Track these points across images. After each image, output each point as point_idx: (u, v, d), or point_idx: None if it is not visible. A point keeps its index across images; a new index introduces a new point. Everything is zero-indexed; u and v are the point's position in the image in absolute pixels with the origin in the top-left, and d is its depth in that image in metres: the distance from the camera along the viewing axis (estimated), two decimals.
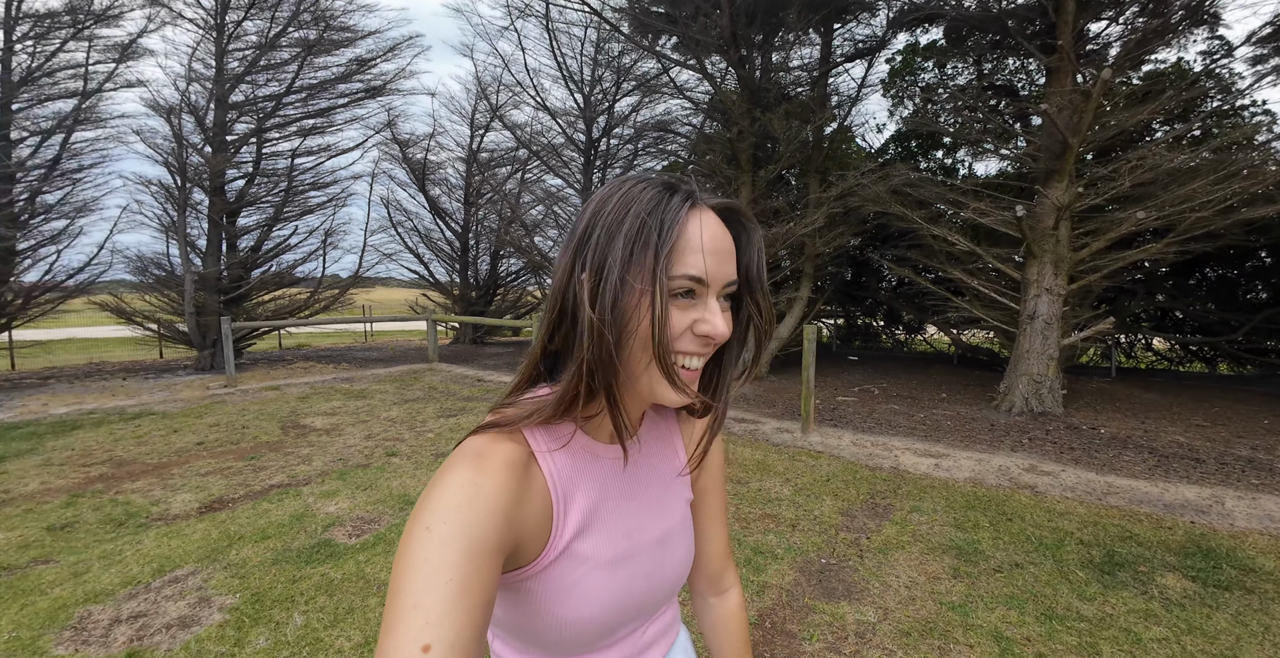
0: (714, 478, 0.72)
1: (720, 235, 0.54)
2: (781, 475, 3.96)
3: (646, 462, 0.64)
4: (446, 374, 8.86)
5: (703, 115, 9.22)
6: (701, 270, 0.52)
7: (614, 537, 0.59)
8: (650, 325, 0.50)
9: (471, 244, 13.86)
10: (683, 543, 0.65)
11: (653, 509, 0.63)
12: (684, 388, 0.53)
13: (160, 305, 10.00)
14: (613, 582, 0.58)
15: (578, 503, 0.57)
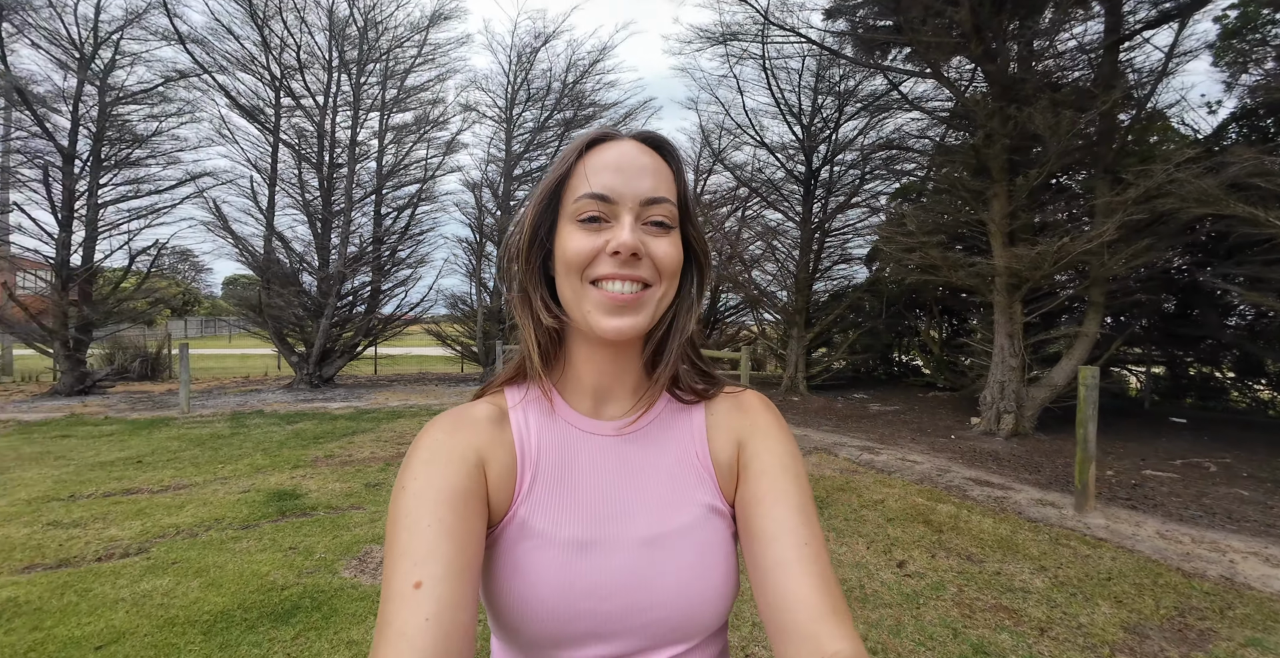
0: (776, 486, 0.53)
1: (634, 155, 0.52)
2: (1034, 561, 3.04)
3: (648, 448, 0.57)
4: None
5: (942, 126, 8.25)
6: (604, 186, 0.51)
7: (579, 515, 0.54)
8: (562, 251, 0.52)
9: None
10: (692, 556, 0.52)
11: (645, 502, 0.55)
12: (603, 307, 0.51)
13: (463, 332, 12.95)
14: (570, 566, 0.51)
15: (546, 461, 0.55)
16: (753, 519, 0.52)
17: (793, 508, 0.51)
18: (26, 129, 8.98)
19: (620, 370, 0.57)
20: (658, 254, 0.51)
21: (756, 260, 11.76)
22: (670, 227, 0.53)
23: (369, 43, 10.13)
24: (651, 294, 0.52)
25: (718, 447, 0.58)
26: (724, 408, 0.60)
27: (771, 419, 0.59)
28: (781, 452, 0.56)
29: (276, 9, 9.38)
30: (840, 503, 3.80)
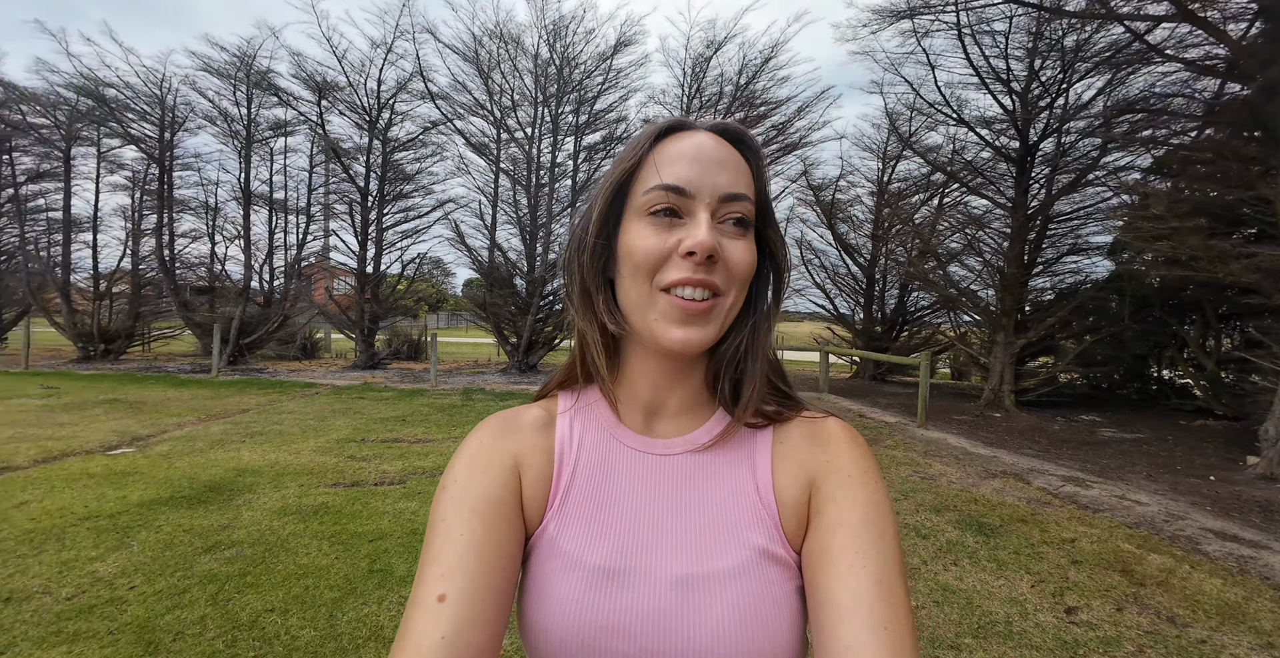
0: (854, 544, 0.44)
1: (712, 146, 0.48)
2: (1263, 636, 2.35)
3: (699, 474, 0.51)
4: (831, 406, 9.01)
5: (1211, 80, 6.41)
6: (679, 178, 0.47)
7: (611, 540, 0.49)
8: (629, 251, 0.48)
9: (878, 278, 13.59)
10: (735, 605, 0.45)
11: (686, 536, 0.48)
12: (672, 318, 0.47)
13: None
14: (593, 596, 0.47)
15: (584, 474, 0.52)
16: (820, 583, 0.44)
17: (871, 577, 0.42)
18: (338, 176, 12.36)
19: (678, 385, 0.53)
20: (733, 258, 0.47)
21: (955, 255, 10.47)
22: (749, 226, 0.49)
23: (564, 78, 11.55)
24: (722, 303, 0.48)
25: (784, 482, 0.50)
26: (797, 436, 0.52)
27: (857, 456, 0.50)
28: (865, 500, 0.47)
29: (496, 62, 11.34)
30: (1014, 535, 3.42)
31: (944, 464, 5.22)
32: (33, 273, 12.63)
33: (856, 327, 14.05)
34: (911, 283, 12.24)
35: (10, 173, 12.80)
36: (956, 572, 2.89)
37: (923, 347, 12.93)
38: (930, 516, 3.73)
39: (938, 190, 11.78)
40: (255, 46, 11.15)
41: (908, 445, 6.00)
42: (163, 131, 11.89)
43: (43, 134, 12.36)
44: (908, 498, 4.10)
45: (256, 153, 12.27)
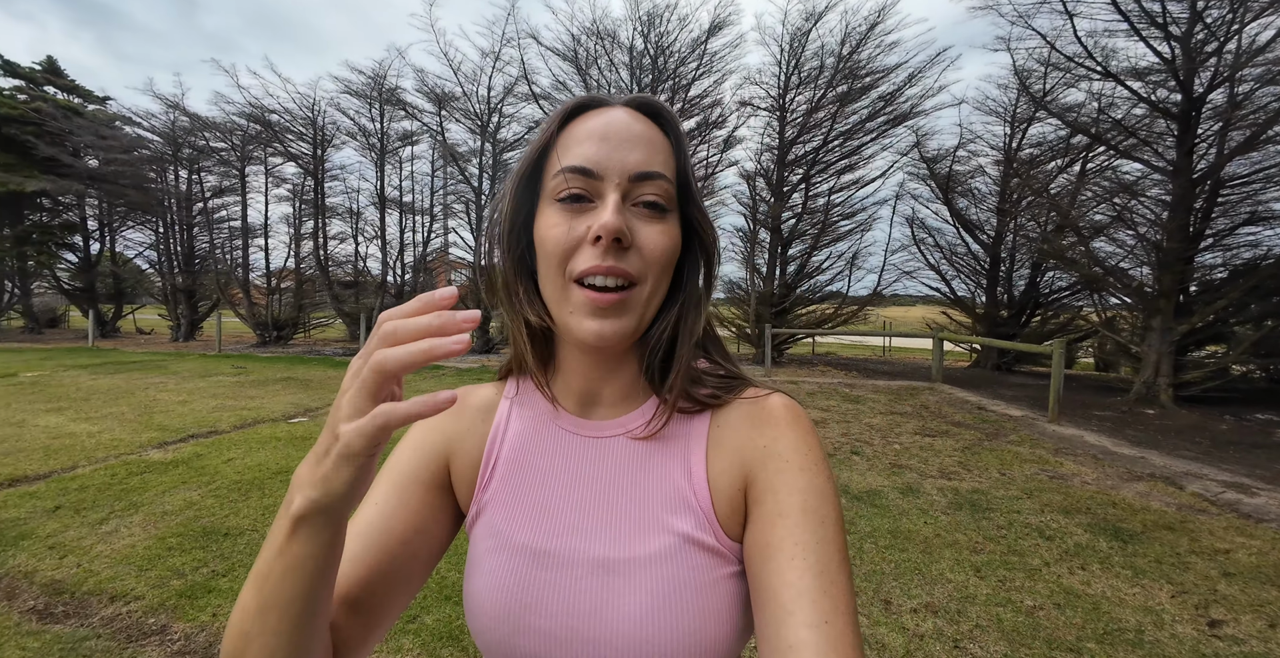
0: (793, 536, 0.43)
1: (625, 122, 0.46)
2: None
3: (630, 460, 0.50)
4: (946, 396, 8.42)
5: None
6: (585, 159, 0.44)
7: (539, 521, 0.49)
8: (541, 240, 0.46)
9: (1004, 257, 12.31)
10: (656, 593, 0.44)
11: (610, 520, 0.48)
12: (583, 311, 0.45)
13: (737, 315, 13.90)
14: (520, 573, 0.47)
15: (512, 458, 0.52)
16: (762, 579, 0.42)
17: (812, 570, 0.41)
18: (456, 178, 13.46)
19: (611, 375, 0.51)
20: (647, 242, 0.44)
21: (1100, 229, 9.23)
22: (666, 209, 0.46)
23: (658, 67, 11.62)
24: (637, 294, 0.45)
25: (718, 469, 0.48)
26: (734, 419, 0.49)
27: (797, 438, 0.47)
28: (803, 487, 0.44)
29: (593, 59, 11.67)
30: (1157, 542, 3.09)
31: (1078, 463, 4.76)
32: (220, 272, 15.19)
33: (977, 311, 12.87)
34: (1046, 262, 10.97)
35: (200, 190, 15.42)
36: (1084, 576, 2.70)
37: (1058, 333, 11.59)
38: (1057, 516, 3.47)
39: (1079, 155, 10.38)
40: (386, 67, 12.48)
41: (1035, 442, 5.52)
42: (315, 148, 13.70)
43: (222, 156, 14.74)
44: (1031, 497, 3.83)
45: (389, 162, 13.75)
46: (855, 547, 2.98)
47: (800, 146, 12.14)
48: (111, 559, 2.79)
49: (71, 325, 20.63)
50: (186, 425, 5.58)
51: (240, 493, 3.71)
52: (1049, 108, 9.54)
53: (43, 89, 17.83)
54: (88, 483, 3.88)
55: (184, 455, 4.57)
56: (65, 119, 15.28)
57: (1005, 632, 2.21)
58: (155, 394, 7.27)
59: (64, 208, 17.63)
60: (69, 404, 6.57)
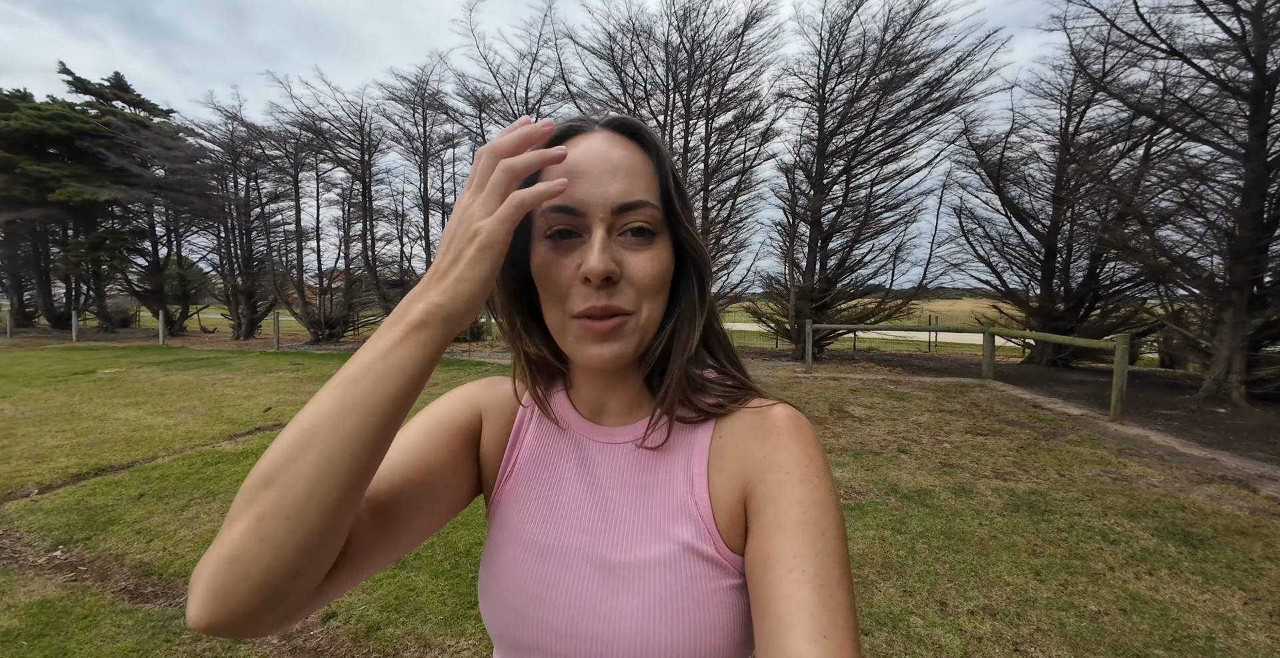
0: (792, 548, 0.42)
1: (603, 151, 0.46)
2: None
3: (636, 467, 0.51)
4: (997, 393, 8.12)
5: None
6: (567, 197, 0.44)
7: (548, 518, 0.51)
8: (539, 277, 0.48)
9: (1060, 248, 11.73)
10: (654, 597, 0.46)
11: (614, 524, 0.50)
12: (583, 341, 0.47)
13: (777, 310, 13.72)
14: (527, 566, 0.49)
15: (529, 458, 0.55)
16: (761, 591, 0.42)
17: (810, 582, 0.40)
18: None
19: (617, 388, 0.54)
20: (636, 273, 0.46)
21: (1166, 216, 8.69)
22: (654, 232, 0.47)
23: (694, 62, 11.54)
24: (633, 320, 0.47)
25: (719, 480, 0.49)
26: (737, 429, 0.50)
27: (797, 450, 0.47)
28: (803, 498, 0.44)
29: (629, 56, 11.69)
30: (1229, 547, 2.92)
31: (1143, 465, 4.53)
32: (276, 274, 15.95)
33: (1031, 304, 12.32)
34: (1106, 252, 10.40)
35: (257, 196, 16.20)
36: (1151, 582, 2.59)
37: (1120, 327, 11.00)
38: (1122, 520, 3.33)
39: (1142, 138, 9.77)
40: (428, 73, 12.85)
41: (1096, 442, 5.27)
42: (363, 154, 14.21)
43: (277, 163, 15.45)
44: (1093, 500, 3.68)
45: (431, 165, 14.15)
46: (907, 547, 2.93)
47: (841, 137, 11.85)
48: (194, 543, 3.01)
49: (142, 325, 22.06)
50: (253, 419, 5.93)
51: None
52: (1109, 89, 9.00)
53: (111, 104, 19.09)
54: (168, 472, 4.17)
55: (253, 447, 4.85)
56: (133, 132, 16.32)
57: (1068, 637, 2.14)
58: (223, 389, 7.73)
59: (133, 215, 18.86)
60: (146, 399, 7.06)
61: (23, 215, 16.46)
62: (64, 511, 3.47)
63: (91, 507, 3.53)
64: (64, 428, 5.48)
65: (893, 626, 2.21)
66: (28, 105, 17.60)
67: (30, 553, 2.96)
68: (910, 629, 2.18)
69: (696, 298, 0.51)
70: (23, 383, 8.23)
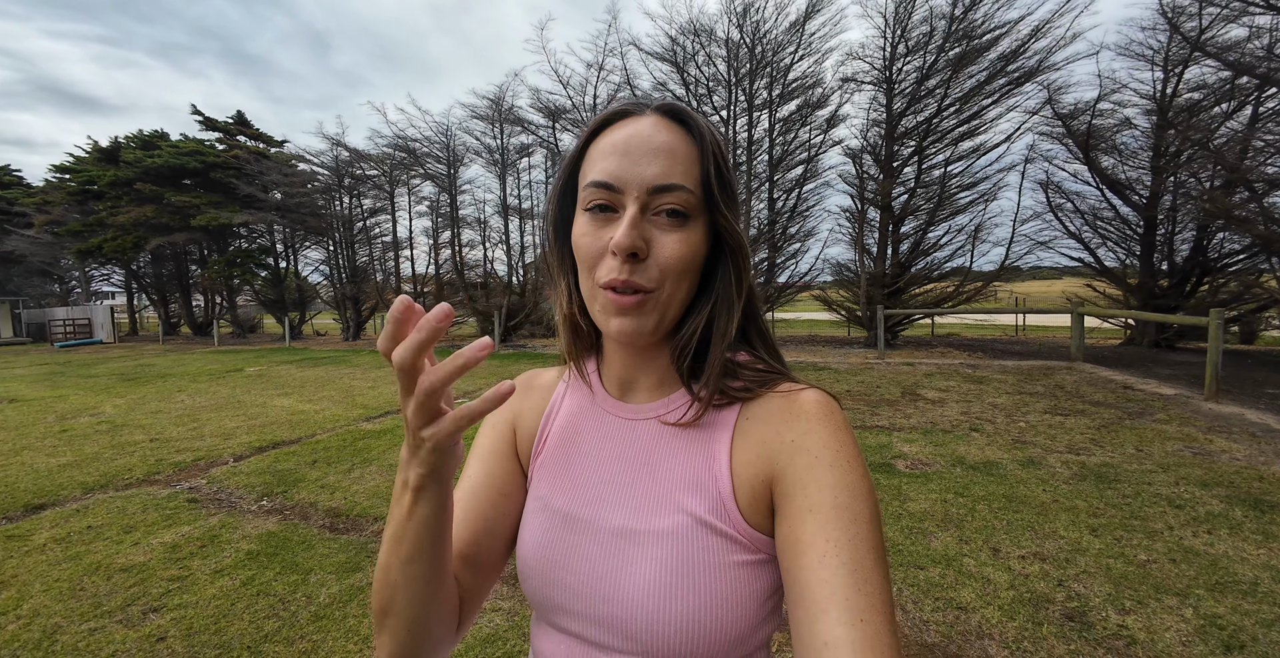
0: (824, 532, 0.43)
1: (648, 133, 0.48)
2: None
3: (659, 443, 0.53)
4: (1085, 375, 7.85)
5: None
6: (607, 173, 0.47)
7: (573, 489, 0.55)
8: (575, 247, 0.50)
9: (1161, 220, 10.91)
10: (663, 563, 0.48)
11: (631, 494, 0.52)
12: (608, 310, 0.49)
13: (847, 297, 13.64)
14: (553, 533, 0.53)
15: (559, 433, 0.59)
16: (794, 575, 0.43)
17: (845, 567, 0.40)
18: None
19: (646, 365, 0.55)
20: (662, 252, 0.47)
21: (1277, 182, 7.98)
22: (687, 216, 0.48)
23: (755, 56, 11.72)
24: (654, 297, 0.48)
25: (743, 460, 0.49)
26: (763, 413, 0.51)
27: (827, 435, 0.47)
28: (833, 483, 0.44)
29: (690, 56, 12.04)
30: None
31: (1230, 441, 4.44)
32: (377, 282, 17.69)
33: (1129, 282, 11.53)
34: (1212, 223, 9.62)
35: (360, 211, 18.00)
36: (1208, 539, 2.75)
37: (1232, 303, 10.13)
38: (1192, 488, 3.42)
39: (1248, 98, 8.95)
40: (504, 90, 13.80)
41: (1185, 420, 5.15)
42: (449, 168, 15.50)
43: (376, 182, 17.10)
44: (1166, 471, 3.75)
45: (510, 173, 15.20)
46: (968, 508, 3.22)
47: (911, 118, 11.61)
48: (365, 494, 3.81)
49: (265, 330, 25.02)
50: (381, 404, 6.94)
51: None
52: (1206, 49, 8.33)
53: (235, 138, 21.78)
54: (328, 445, 5.11)
55: (387, 426, 5.77)
56: (257, 162, 18.62)
57: (1112, 577, 2.41)
58: (350, 382, 8.96)
59: (257, 234, 21.46)
60: (291, 390, 8.35)
61: (170, 239, 19.23)
62: (259, 473, 4.41)
63: (279, 470, 4.45)
64: (236, 414, 6.69)
65: (946, 564, 2.56)
66: (167, 144, 20.50)
67: (244, 502, 3.85)
68: (963, 567, 2.53)
69: (734, 285, 0.52)
70: (189, 379, 9.88)
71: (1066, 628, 2.07)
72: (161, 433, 5.80)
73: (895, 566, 2.56)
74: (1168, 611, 2.16)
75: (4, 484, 4.20)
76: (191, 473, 4.48)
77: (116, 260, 21.79)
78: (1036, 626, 2.09)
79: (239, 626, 2.27)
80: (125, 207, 19.19)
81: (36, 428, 6.12)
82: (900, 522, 3.05)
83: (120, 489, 4.12)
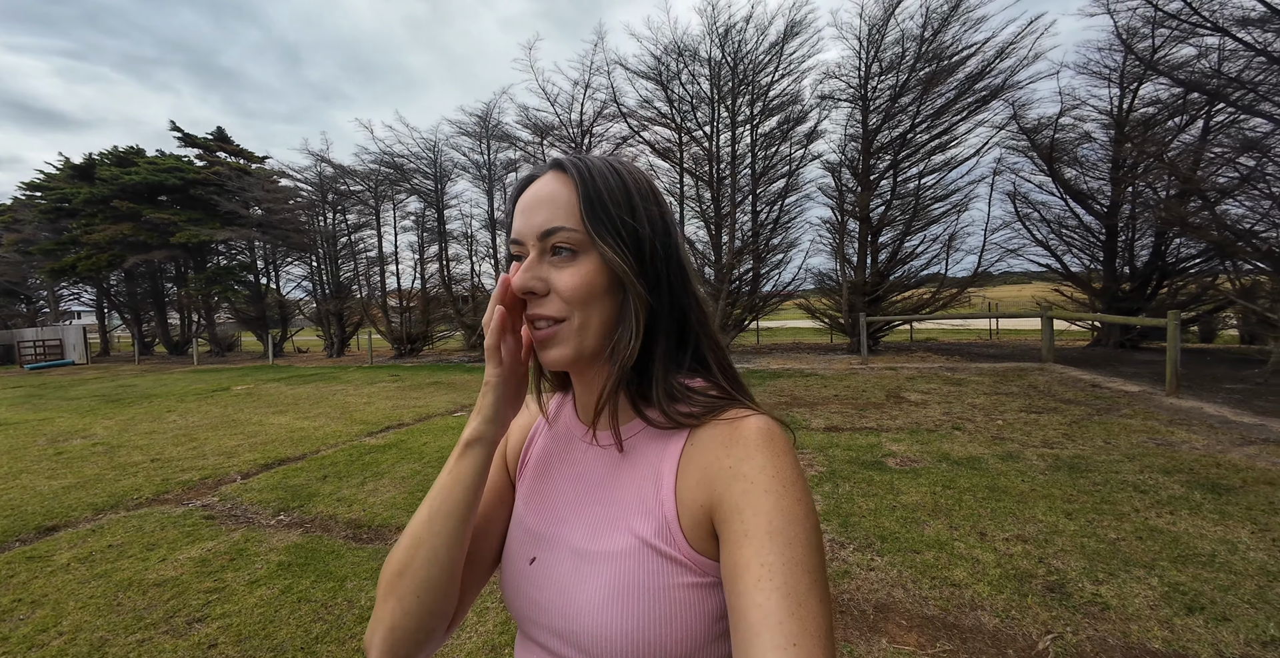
0: (759, 557, 0.43)
1: (538, 189, 0.53)
2: None
3: (613, 466, 0.56)
4: (1056, 375, 8.28)
5: None
6: (514, 231, 0.54)
7: (542, 509, 0.59)
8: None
9: (1122, 227, 11.55)
10: (610, 584, 0.49)
11: (588, 516, 0.55)
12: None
13: (829, 305, 14.06)
14: (525, 550, 0.57)
15: (538, 452, 0.64)
16: (731, 600, 0.44)
17: (779, 591, 0.41)
18: None
19: (587, 390, 0.59)
20: (559, 285, 0.51)
21: (1228, 191, 8.58)
22: (573, 251, 0.51)
23: (737, 75, 12.17)
24: (566, 328, 0.52)
25: (686, 484, 0.50)
26: (707, 439, 0.51)
27: (763, 461, 0.47)
28: (769, 508, 0.45)
29: (674, 74, 12.45)
30: (1252, 493, 3.30)
31: (1190, 432, 4.81)
32: (362, 297, 17.64)
33: (1094, 286, 12.15)
34: (1169, 230, 10.24)
35: (345, 227, 17.98)
36: (1170, 519, 3.04)
37: (1190, 305, 10.75)
38: (1156, 475, 3.73)
39: (1199, 112, 9.62)
40: (491, 107, 14.03)
41: (1148, 414, 5.53)
42: (436, 183, 15.63)
43: (361, 197, 17.14)
44: (1133, 461, 4.07)
45: (496, 188, 15.38)
46: (955, 498, 3.48)
47: (886, 133, 12.15)
48: (384, 506, 3.93)
49: (244, 348, 24.60)
50: (380, 420, 7.01)
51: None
52: (1158, 67, 8.96)
53: (215, 154, 21.60)
54: (335, 460, 5.19)
55: (390, 441, 5.87)
56: (238, 178, 18.50)
57: (1086, 554, 2.67)
58: (344, 398, 8.98)
59: (237, 251, 21.22)
60: (286, 408, 8.35)
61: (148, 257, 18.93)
62: (271, 489, 4.48)
63: (291, 485, 4.53)
64: (234, 432, 6.70)
65: (939, 548, 2.80)
66: (145, 160, 20.26)
67: (260, 517, 3.93)
68: (953, 550, 2.77)
69: (632, 310, 0.52)
70: (177, 399, 9.78)
71: (1048, 598, 2.32)
72: (161, 453, 5.81)
73: (893, 551, 2.79)
74: (1136, 580, 2.42)
75: (10, 507, 4.21)
76: (200, 491, 4.53)
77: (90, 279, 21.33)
78: (1022, 597, 2.34)
79: (287, 630, 2.40)
80: (101, 224, 18.87)
81: (30, 451, 6.07)
82: (895, 513, 3.29)
83: (131, 509, 4.16)
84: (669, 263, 0.55)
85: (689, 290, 0.56)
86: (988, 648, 2.04)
